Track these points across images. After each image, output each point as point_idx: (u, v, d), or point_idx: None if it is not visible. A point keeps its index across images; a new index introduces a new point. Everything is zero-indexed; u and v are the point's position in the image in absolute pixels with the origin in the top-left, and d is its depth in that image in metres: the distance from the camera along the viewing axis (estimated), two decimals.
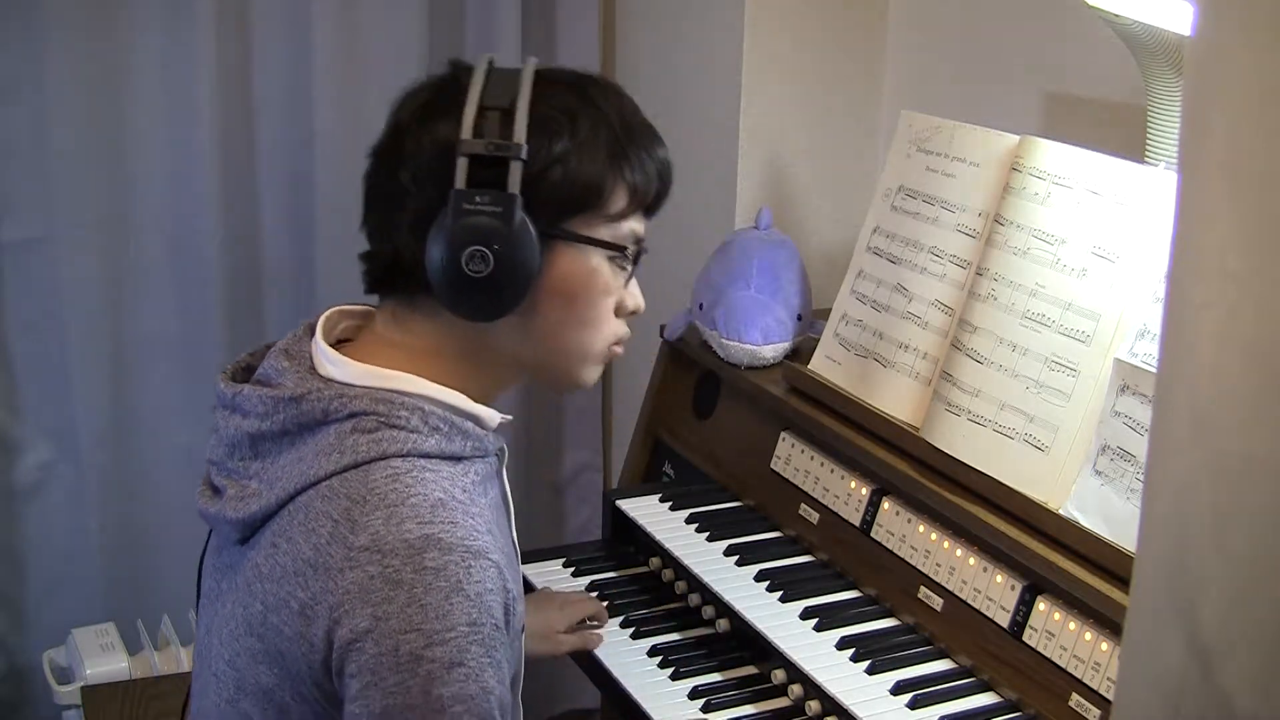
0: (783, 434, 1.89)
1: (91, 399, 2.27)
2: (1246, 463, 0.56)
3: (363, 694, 1.10)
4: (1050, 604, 1.48)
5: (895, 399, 1.74)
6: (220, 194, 2.28)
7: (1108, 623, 1.40)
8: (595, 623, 1.76)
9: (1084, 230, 1.54)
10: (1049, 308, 1.55)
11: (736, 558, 1.79)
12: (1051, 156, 1.60)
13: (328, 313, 1.28)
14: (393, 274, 1.24)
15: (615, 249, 1.25)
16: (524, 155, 1.17)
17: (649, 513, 1.92)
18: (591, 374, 1.31)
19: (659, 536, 1.86)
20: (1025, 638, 1.49)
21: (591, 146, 1.22)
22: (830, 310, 1.89)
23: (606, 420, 2.76)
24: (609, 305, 1.28)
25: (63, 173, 2.18)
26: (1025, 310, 1.57)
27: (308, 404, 1.19)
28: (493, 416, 1.27)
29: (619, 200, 1.24)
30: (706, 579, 1.75)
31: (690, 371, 2.09)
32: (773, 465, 1.90)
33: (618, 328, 1.30)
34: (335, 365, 1.21)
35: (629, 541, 1.95)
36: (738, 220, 2.26)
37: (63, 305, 2.23)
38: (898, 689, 1.52)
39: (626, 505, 1.94)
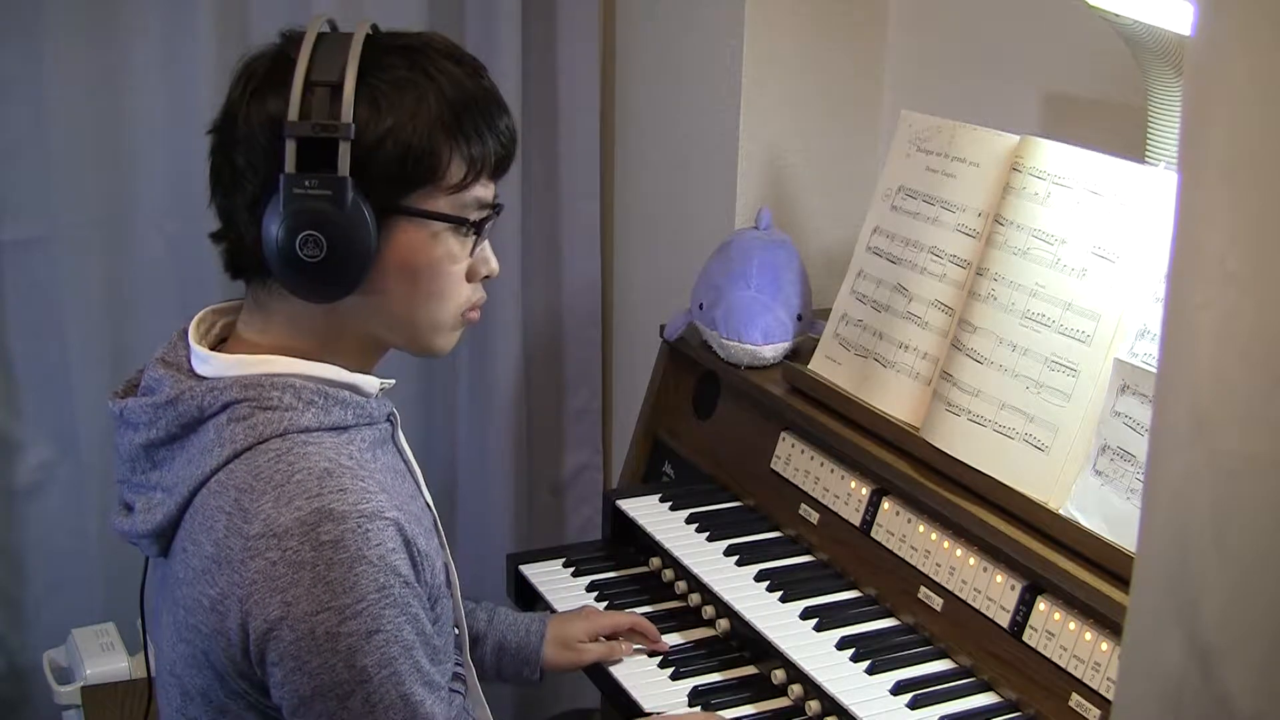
0: (783, 434, 1.89)
1: (91, 399, 2.27)
2: (1246, 463, 0.56)
3: (288, 679, 1.12)
4: (1050, 604, 1.48)
5: (895, 399, 1.74)
6: None
7: (1108, 623, 1.40)
8: (638, 644, 1.72)
9: (1084, 230, 1.54)
10: (1049, 308, 1.55)
11: (736, 558, 1.79)
12: (1051, 156, 1.60)
13: (200, 314, 1.30)
14: (241, 259, 1.25)
15: (456, 221, 1.24)
16: (351, 135, 1.16)
17: (649, 513, 1.92)
18: (447, 341, 1.31)
19: (659, 536, 1.86)
20: (1025, 638, 1.49)
21: (423, 119, 1.19)
22: (830, 310, 1.89)
23: (606, 420, 2.76)
24: (457, 274, 1.27)
25: (63, 173, 2.17)
26: (1025, 310, 1.57)
27: (183, 404, 1.20)
28: (371, 383, 1.27)
29: (457, 171, 1.22)
30: (706, 579, 1.75)
31: (690, 371, 2.09)
32: (773, 465, 1.90)
33: (470, 294, 1.29)
34: (206, 363, 1.23)
35: (629, 541, 1.95)
36: (738, 220, 2.26)
37: (63, 305, 2.23)
38: (898, 689, 1.52)
39: (626, 505, 1.94)
